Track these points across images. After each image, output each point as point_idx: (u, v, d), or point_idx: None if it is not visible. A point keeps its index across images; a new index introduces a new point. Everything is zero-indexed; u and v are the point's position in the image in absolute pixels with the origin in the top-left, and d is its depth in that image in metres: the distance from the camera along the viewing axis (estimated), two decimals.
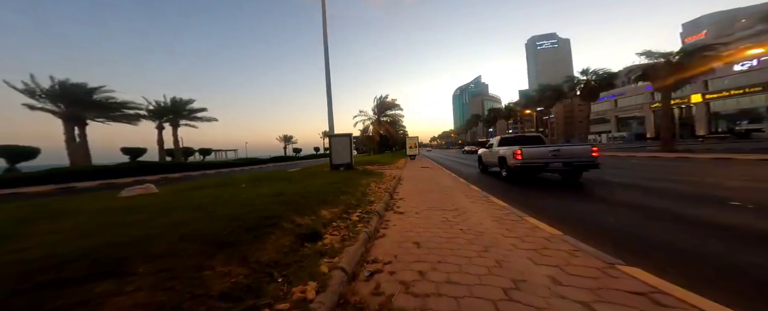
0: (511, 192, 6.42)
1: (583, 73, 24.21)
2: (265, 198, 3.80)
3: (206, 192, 4.85)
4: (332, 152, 8.92)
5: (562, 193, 6.03)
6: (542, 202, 5.19)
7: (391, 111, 28.76)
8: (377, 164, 14.79)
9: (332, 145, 9.03)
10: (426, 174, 10.65)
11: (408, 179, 9.25)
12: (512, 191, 6.67)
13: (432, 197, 5.75)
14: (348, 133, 9.42)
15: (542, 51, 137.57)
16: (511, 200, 5.33)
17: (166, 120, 22.25)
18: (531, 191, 6.55)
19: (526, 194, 6.10)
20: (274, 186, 5.37)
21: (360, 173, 8.05)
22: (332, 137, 9.11)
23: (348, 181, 6.22)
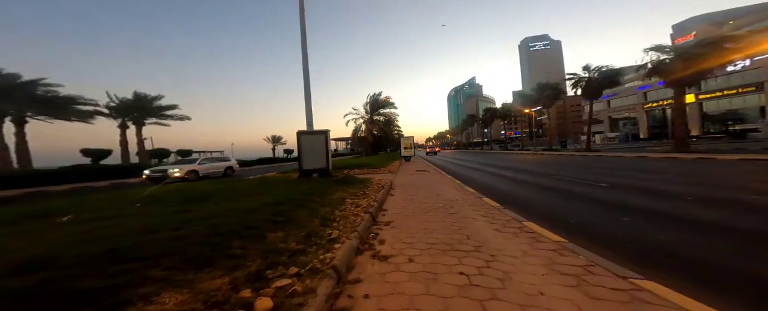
0: (546, 206, 4.69)
1: (585, 69, 23.10)
2: (88, 246, 1.84)
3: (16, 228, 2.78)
4: (302, 155, 6.59)
5: (641, 211, 4.29)
6: (622, 231, 3.37)
7: (385, 110, 26.97)
8: (367, 167, 12.92)
9: (301, 145, 6.66)
10: (423, 180, 8.85)
11: (401, 186, 7.43)
12: (546, 203, 4.95)
13: (434, 219, 3.92)
14: (323, 129, 7.14)
15: (535, 52, 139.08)
16: (565, 226, 3.53)
17: (130, 119, 19.71)
18: (573, 203, 4.83)
19: (576, 212, 4.33)
20: (183, 207, 3.40)
21: (338, 181, 6.12)
22: (302, 135, 6.81)
23: (312, 195, 4.32)
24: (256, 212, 3.03)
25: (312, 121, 9.66)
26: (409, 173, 11.64)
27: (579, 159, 16.05)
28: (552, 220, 3.87)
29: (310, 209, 3.55)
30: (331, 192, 4.87)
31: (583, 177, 8.12)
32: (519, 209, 4.55)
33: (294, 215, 3.12)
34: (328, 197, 4.45)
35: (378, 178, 9.31)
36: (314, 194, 4.44)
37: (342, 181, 6.12)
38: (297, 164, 6.71)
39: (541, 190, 6.46)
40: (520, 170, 11.19)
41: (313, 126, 9.71)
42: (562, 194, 5.88)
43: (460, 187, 7.17)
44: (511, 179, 8.72)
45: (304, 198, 4.00)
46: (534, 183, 7.52)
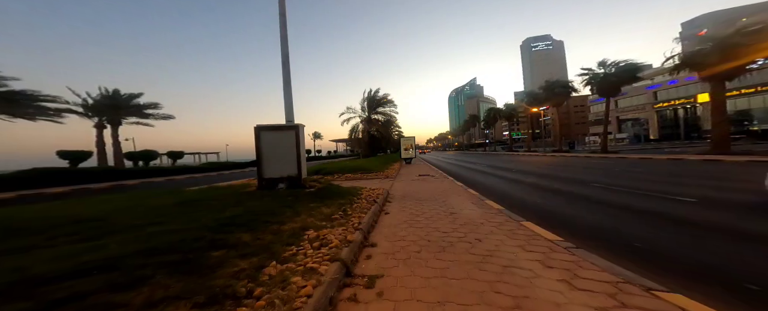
0: (643, 238, 2.87)
1: (600, 65, 21.36)
2: None
3: None
4: (262, 158, 4.72)
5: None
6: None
7: (384, 108, 25.26)
8: (362, 171, 11.19)
9: (262, 145, 4.76)
10: (428, 189, 7.11)
11: (400, 199, 5.69)
12: (632, 231, 3.09)
13: (456, 270, 2.21)
14: (294, 124, 5.28)
15: (537, 52, 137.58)
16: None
17: (106, 118, 18.08)
18: (688, 236, 3.06)
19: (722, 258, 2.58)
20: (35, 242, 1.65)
21: (312, 194, 4.35)
22: (263, 131, 4.83)
23: (247, 226, 2.57)
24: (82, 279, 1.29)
25: (292, 113, 7.98)
26: (409, 178, 9.91)
27: (602, 162, 14.25)
28: (693, 274, 2.11)
29: (208, 265, 1.79)
30: (289, 216, 3.15)
31: (633, 185, 6.36)
32: (596, 243, 2.81)
33: (155, 286, 1.37)
34: (277, 226, 2.72)
35: (371, 186, 7.58)
36: (256, 220, 2.70)
37: (318, 194, 4.40)
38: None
39: (599, 208, 4.66)
40: (542, 176, 9.41)
41: (294, 120, 8.04)
42: (644, 216, 4.06)
43: (477, 199, 5.43)
44: (539, 189, 6.95)
45: (224, 233, 2.26)
46: (577, 195, 5.75)
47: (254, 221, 2.68)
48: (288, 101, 7.86)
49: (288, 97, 7.87)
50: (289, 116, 7.87)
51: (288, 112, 7.85)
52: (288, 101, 7.86)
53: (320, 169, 11.19)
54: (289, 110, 7.91)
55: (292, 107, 7.97)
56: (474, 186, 7.46)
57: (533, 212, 4.37)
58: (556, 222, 3.76)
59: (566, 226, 3.59)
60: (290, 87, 7.92)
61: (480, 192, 6.29)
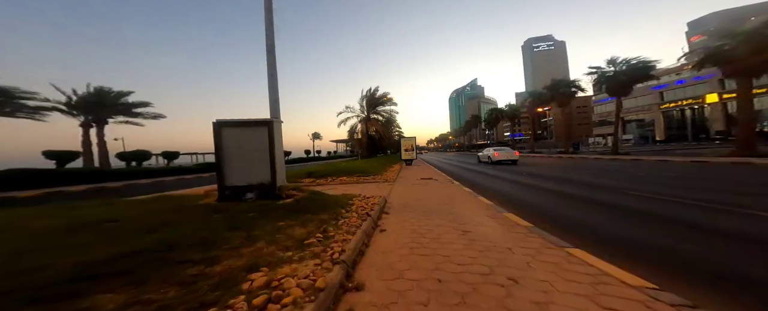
0: None
1: (610, 63, 20.39)
2: None
3: None
4: (223, 161, 3.68)
5: None
6: None
7: (384, 107, 24.32)
8: (358, 173, 10.23)
9: (224, 145, 3.71)
10: (432, 196, 6.14)
11: (400, 210, 4.74)
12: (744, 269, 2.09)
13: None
14: (265, 119, 4.30)
15: (538, 53, 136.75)
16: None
17: (93, 117, 17.20)
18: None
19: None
20: None
21: (288, 207, 3.36)
22: (224, 128, 3.72)
23: (122, 280, 1.55)
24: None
25: (278, 109, 7.08)
26: (410, 182, 8.95)
27: (620, 165, 13.26)
28: None
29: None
30: (236, 245, 2.17)
31: (681, 194, 5.37)
32: (720, 293, 1.83)
33: None
34: (203, 266, 1.74)
35: (367, 192, 6.63)
36: (168, 257, 1.74)
37: (296, 206, 3.43)
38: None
39: (670, 228, 3.53)
40: (561, 181, 8.42)
41: (279, 116, 7.13)
42: (738, 240, 3.08)
43: (492, 210, 4.47)
44: (565, 197, 5.97)
45: (67, 294, 1.28)
46: (623, 208, 4.74)
47: (163, 259, 1.70)
48: (273, 96, 6.94)
49: (273, 91, 6.96)
50: (274, 112, 6.93)
51: (273, 108, 6.93)
52: (273, 96, 6.94)
53: (313, 172, 10.25)
54: (275, 106, 6.99)
55: (277, 103, 7.06)
56: (484, 192, 6.48)
57: (574, 233, 3.40)
58: (623, 252, 2.71)
59: (642, 257, 2.55)
60: (276, 80, 7.01)
61: (494, 200, 5.32)
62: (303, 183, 9.04)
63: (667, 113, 46.44)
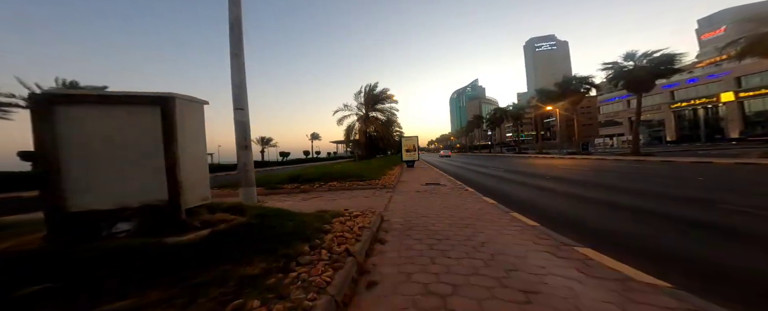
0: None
1: (628, 57, 18.73)
2: None
3: None
4: (66, 167, 1.73)
5: None
6: None
7: (384, 105, 22.73)
8: (352, 179, 8.60)
9: (62, 134, 1.74)
10: (445, 209, 4.51)
11: (401, 235, 3.16)
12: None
13: None
14: (158, 94, 1.99)
15: (541, 53, 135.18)
16: None
17: None
18: None
19: None
20: None
21: (191, 252, 1.65)
22: (62, 108, 1.72)
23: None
24: None
25: (245, 98, 5.59)
26: (414, 188, 7.32)
27: (656, 168, 11.60)
28: None
29: None
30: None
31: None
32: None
33: None
34: None
35: (359, 204, 5.04)
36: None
37: (208, 248, 1.77)
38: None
39: None
40: (615, 191, 6.77)
41: (246, 103, 5.65)
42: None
43: (548, 240, 2.82)
44: (646, 215, 4.34)
45: None
46: (749, 237, 3.11)
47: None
48: (237, 80, 5.37)
49: (238, 74, 5.38)
50: (238, 101, 5.36)
51: (237, 95, 5.36)
52: (237, 80, 5.37)
53: (297, 176, 8.64)
54: (240, 92, 5.42)
55: (243, 87, 5.50)
56: (516, 206, 4.84)
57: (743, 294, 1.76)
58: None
59: None
60: (241, 61, 5.46)
61: (537, 219, 3.68)
62: (283, 190, 7.43)
63: (678, 113, 44.62)
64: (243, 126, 5.28)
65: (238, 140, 5.23)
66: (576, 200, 5.46)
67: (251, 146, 5.37)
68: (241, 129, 5.26)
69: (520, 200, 5.59)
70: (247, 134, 5.30)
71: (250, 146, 5.36)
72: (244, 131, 5.29)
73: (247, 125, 5.32)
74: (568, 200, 5.43)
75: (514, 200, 5.63)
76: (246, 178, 5.29)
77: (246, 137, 5.30)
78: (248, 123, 5.32)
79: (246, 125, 5.32)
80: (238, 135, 5.23)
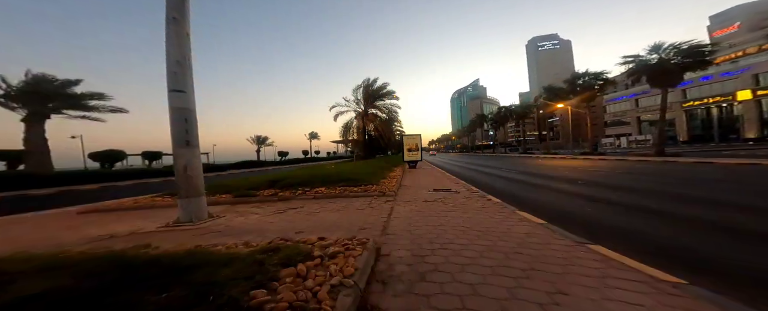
0: None
1: (653, 50, 17.14)
2: None
3: None
4: None
5: None
6: None
7: (384, 101, 21.23)
8: (345, 182, 7.11)
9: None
10: (467, 230, 2.99)
11: (408, 293, 1.61)
12: None
13: None
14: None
15: (543, 52, 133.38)
16: None
17: (32, 110, 14.20)
18: None
19: None
20: None
21: None
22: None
23: None
24: None
25: (185, 79, 4.12)
26: (420, 195, 5.81)
27: (704, 170, 10.11)
28: None
29: None
30: None
31: None
32: None
33: None
34: None
35: (340, 228, 3.56)
36: None
37: None
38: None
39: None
40: (677, 199, 5.28)
41: (189, 84, 4.17)
42: None
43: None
44: (753, 234, 2.81)
45: None
46: None
47: None
48: (177, 54, 3.88)
49: (177, 45, 3.90)
50: (177, 81, 3.89)
51: (176, 74, 3.89)
52: (177, 54, 3.88)
53: (279, 179, 7.15)
54: (180, 71, 3.96)
55: (187, 66, 4.05)
56: (574, 226, 3.32)
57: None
58: None
59: None
60: (183, 29, 3.99)
61: (645, 259, 2.16)
62: (256, 197, 5.93)
63: (690, 112, 42.94)
64: (183, 115, 3.78)
65: (175, 134, 3.73)
66: (657, 217, 3.94)
67: (197, 143, 3.88)
68: (180, 118, 3.76)
69: (578, 218, 4.05)
70: (190, 125, 3.80)
71: (196, 143, 3.86)
72: (186, 121, 3.80)
73: (191, 113, 3.80)
74: (648, 219, 3.90)
75: (567, 217, 4.09)
76: (187, 186, 3.79)
77: (188, 130, 3.80)
78: (193, 111, 3.80)
79: (189, 114, 3.81)
80: (177, 127, 3.73)
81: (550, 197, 5.93)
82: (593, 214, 4.26)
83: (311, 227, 3.65)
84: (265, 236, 3.20)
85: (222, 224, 3.72)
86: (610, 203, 4.90)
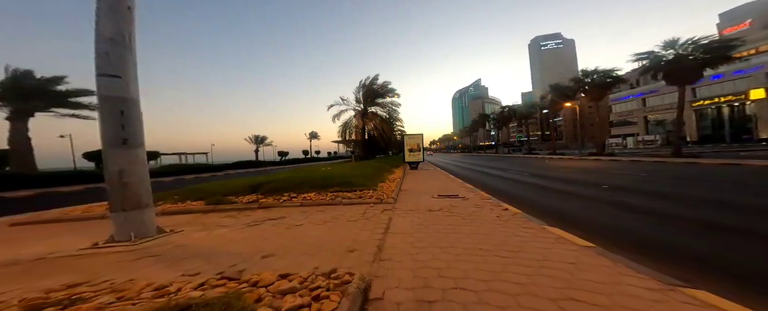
0: None
1: (668, 45, 16.15)
2: None
3: None
4: None
5: None
6: None
7: (384, 100, 20.40)
8: (338, 186, 6.28)
9: None
10: (489, 259, 2.13)
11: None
12: None
13: None
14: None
15: (546, 51, 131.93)
16: None
17: (12, 107, 13.53)
18: None
19: None
20: None
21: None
22: None
23: None
24: None
25: (127, 50, 3.20)
26: (423, 203, 4.96)
27: (730, 170, 9.20)
28: None
29: None
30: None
31: None
32: None
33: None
34: None
35: (321, 249, 2.69)
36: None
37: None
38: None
39: None
40: (721, 206, 4.41)
41: (128, 69, 3.25)
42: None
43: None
44: None
45: None
46: None
47: None
48: (110, 28, 3.04)
49: (112, 19, 3.04)
50: (110, 63, 3.07)
51: (108, 53, 3.04)
52: (110, 28, 3.04)
53: (263, 183, 6.33)
54: (114, 50, 3.11)
55: (126, 46, 3.20)
56: (620, 244, 2.46)
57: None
58: None
59: None
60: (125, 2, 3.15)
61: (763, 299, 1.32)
62: (233, 204, 5.11)
63: (700, 112, 41.71)
64: (118, 106, 2.95)
65: (106, 130, 2.90)
66: (722, 233, 3.08)
67: (140, 142, 3.05)
68: (113, 111, 2.93)
69: (632, 237, 3.18)
70: (129, 119, 2.96)
71: (138, 142, 3.03)
72: (123, 114, 2.97)
73: (132, 104, 2.97)
74: (748, 242, 3.04)
75: (615, 235, 3.23)
76: (123, 196, 2.97)
77: (126, 126, 2.98)
78: (133, 101, 2.97)
79: (127, 105, 2.98)
80: (108, 121, 2.90)
81: (576, 205, 5.06)
82: (651, 233, 3.37)
83: (285, 247, 2.83)
84: (217, 263, 2.38)
85: (169, 244, 2.91)
86: (664, 217, 4.02)
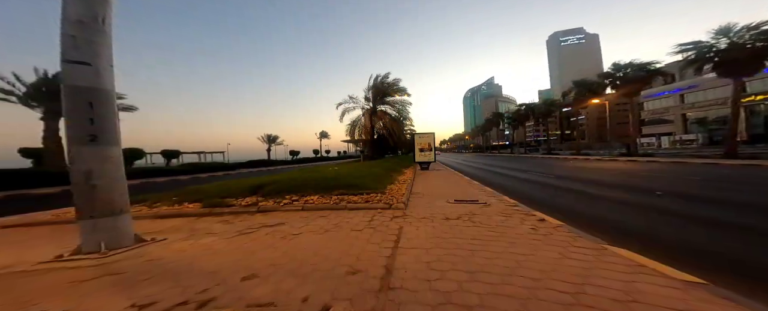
0: None
1: (720, 33, 13.79)
2: None
3: None
4: None
5: None
6: None
7: (394, 98, 19.76)
8: (345, 188, 5.77)
9: None
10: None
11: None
12: None
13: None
14: None
15: (567, 47, 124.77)
16: None
17: (49, 108, 14.47)
18: None
19: None
20: None
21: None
22: None
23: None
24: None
25: (100, 33, 2.72)
26: (437, 209, 4.29)
27: None
28: None
29: None
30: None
31: None
32: None
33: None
34: None
35: (328, 268, 2.06)
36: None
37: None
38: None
39: None
40: None
41: (103, 53, 2.77)
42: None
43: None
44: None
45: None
46: None
47: None
48: (77, 10, 2.59)
49: (76, 3, 2.65)
50: (77, 48, 2.59)
51: (75, 35, 2.57)
52: (77, 10, 2.59)
53: (264, 184, 5.95)
54: (84, 33, 2.65)
55: (98, 29, 2.75)
56: (740, 281, 1.69)
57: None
58: None
59: None
60: None
61: None
62: (231, 207, 4.72)
63: (751, 108, 37.15)
64: (86, 97, 2.54)
65: (71, 125, 2.49)
66: None
67: (113, 139, 2.66)
68: (79, 103, 2.51)
69: (746, 265, 2.39)
70: (99, 113, 2.55)
71: (111, 139, 2.62)
72: (91, 106, 2.57)
73: (103, 95, 2.55)
74: None
75: (719, 261, 2.43)
76: (92, 201, 2.56)
77: (95, 120, 2.56)
78: (107, 91, 2.55)
79: (96, 96, 2.54)
80: (74, 115, 2.48)
81: (633, 217, 4.16)
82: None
83: (274, 265, 2.32)
84: (185, 286, 1.89)
85: (142, 257, 2.48)
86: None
